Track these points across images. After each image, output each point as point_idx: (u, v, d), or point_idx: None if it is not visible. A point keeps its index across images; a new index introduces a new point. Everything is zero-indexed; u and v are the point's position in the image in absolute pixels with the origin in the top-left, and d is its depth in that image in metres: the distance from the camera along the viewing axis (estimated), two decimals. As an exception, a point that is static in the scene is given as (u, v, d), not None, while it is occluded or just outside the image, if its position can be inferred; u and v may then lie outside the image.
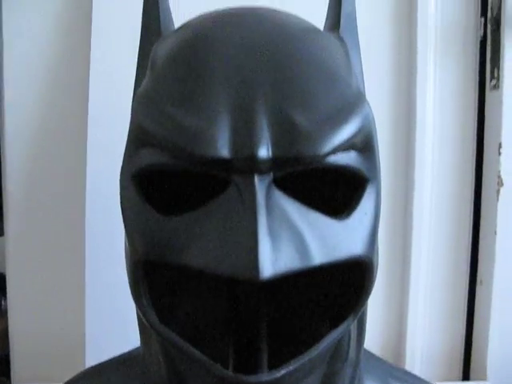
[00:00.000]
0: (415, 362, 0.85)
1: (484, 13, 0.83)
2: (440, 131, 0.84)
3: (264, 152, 0.34)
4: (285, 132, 0.34)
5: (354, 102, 0.37)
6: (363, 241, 0.37)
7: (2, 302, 0.96)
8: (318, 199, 0.39)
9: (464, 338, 0.87)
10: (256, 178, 0.33)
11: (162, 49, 0.41)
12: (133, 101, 0.40)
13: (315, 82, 0.37)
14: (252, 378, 0.34)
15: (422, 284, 0.84)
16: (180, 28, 0.44)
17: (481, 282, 0.84)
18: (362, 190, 0.38)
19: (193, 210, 0.35)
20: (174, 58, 0.39)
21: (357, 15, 0.49)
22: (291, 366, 0.35)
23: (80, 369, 0.64)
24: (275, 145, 0.34)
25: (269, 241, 0.32)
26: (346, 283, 0.40)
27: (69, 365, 0.82)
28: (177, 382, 0.40)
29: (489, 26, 0.82)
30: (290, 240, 0.34)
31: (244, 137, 0.34)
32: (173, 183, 0.42)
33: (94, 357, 0.79)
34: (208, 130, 0.34)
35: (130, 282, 0.38)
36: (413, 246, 0.83)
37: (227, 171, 0.34)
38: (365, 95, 0.40)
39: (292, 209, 0.35)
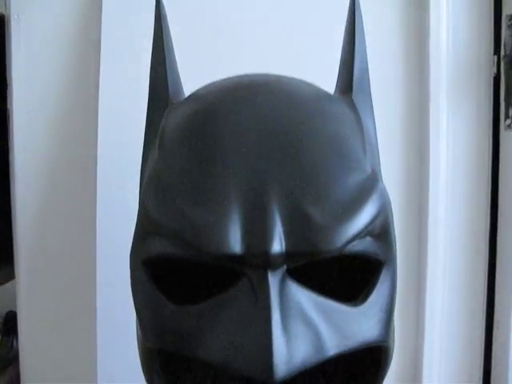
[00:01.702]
0: (432, 377, 0.83)
1: (497, 50, 0.82)
2: (453, 172, 0.82)
3: (277, 248, 0.33)
4: (298, 226, 0.34)
5: (368, 186, 0.37)
6: (379, 325, 0.36)
7: (14, 342, 0.95)
8: (333, 284, 0.38)
9: (483, 362, 0.84)
10: (269, 273, 0.33)
11: (171, 124, 0.40)
12: (141, 180, 0.40)
13: (329, 170, 0.36)
14: None
15: (436, 331, 0.83)
16: (190, 99, 0.43)
17: (497, 326, 0.83)
18: (378, 273, 0.37)
19: (205, 299, 0.35)
20: (183, 140, 0.39)
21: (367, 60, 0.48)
22: None
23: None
24: (289, 239, 0.33)
25: (283, 339, 0.31)
26: (363, 363, 0.39)
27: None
28: None
29: (502, 63, 0.81)
30: (305, 334, 0.33)
31: (256, 232, 0.33)
32: (184, 271, 0.41)
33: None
34: (219, 225, 0.34)
35: (142, 366, 0.37)
36: (427, 289, 0.82)
37: (239, 266, 0.34)
38: (380, 174, 0.39)
39: (306, 299, 0.34)
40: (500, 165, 0.82)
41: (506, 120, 0.80)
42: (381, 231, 0.37)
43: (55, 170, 0.84)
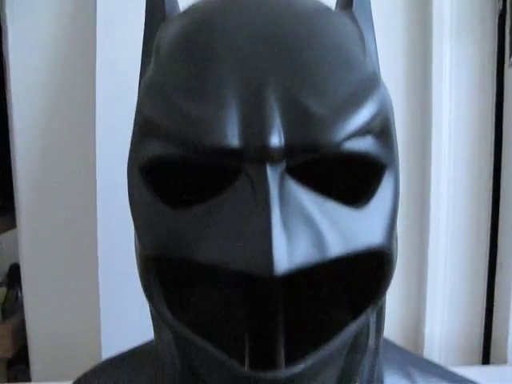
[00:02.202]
0: (434, 346, 0.84)
1: (503, -14, 0.80)
2: (456, 110, 0.81)
3: (276, 140, 0.32)
4: (297, 118, 0.33)
5: (369, 85, 0.36)
6: (382, 230, 0.35)
7: (19, 294, 0.96)
8: (334, 187, 0.37)
9: (484, 322, 0.85)
10: (268, 168, 0.32)
11: (167, 34, 0.40)
12: (139, 89, 0.39)
13: (328, 66, 0.35)
14: (269, 375, 0.33)
15: (440, 268, 0.83)
16: (185, 11, 0.42)
17: (501, 264, 0.82)
18: (380, 177, 0.36)
19: (203, 201, 0.34)
20: (179, 44, 0.38)
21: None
22: (309, 361, 0.33)
23: (97, 359, 0.64)
24: (288, 132, 0.32)
25: (283, 234, 0.31)
26: (365, 272, 0.38)
27: (85, 355, 0.83)
28: (191, 375, 0.39)
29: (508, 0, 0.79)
30: (306, 232, 0.32)
31: (255, 125, 0.32)
32: (182, 174, 0.41)
33: (110, 346, 0.79)
34: (216, 119, 0.33)
35: (140, 278, 0.37)
36: (431, 229, 0.81)
37: (238, 161, 0.33)
38: (380, 77, 0.38)
39: (307, 198, 0.33)
40: (504, 103, 0.80)
41: (510, 57, 0.79)
42: (382, 132, 0.36)
43: (55, 115, 0.83)
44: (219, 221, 0.33)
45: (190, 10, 0.42)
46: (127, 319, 0.79)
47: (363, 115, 0.34)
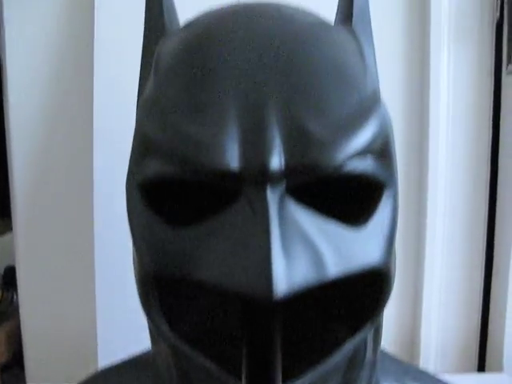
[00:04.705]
0: (430, 353, 0.85)
1: (501, -7, 0.80)
2: (454, 117, 0.81)
3: (276, 162, 0.32)
4: (297, 140, 0.32)
5: (369, 105, 0.35)
6: (380, 249, 0.35)
7: (14, 297, 0.96)
8: (333, 206, 0.37)
9: (480, 329, 0.86)
10: (268, 189, 0.32)
11: (166, 49, 0.39)
12: (137, 105, 0.39)
13: (328, 86, 0.35)
14: None
15: (436, 274, 0.83)
16: (185, 27, 0.42)
17: (497, 272, 0.83)
18: (379, 197, 0.36)
19: (202, 221, 0.34)
20: (179, 62, 0.37)
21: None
22: (307, 377, 0.33)
23: (92, 364, 0.64)
24: (287, 154, 0.32)
25: (282, 257, 0.30)
26: (363, 289, 0.38)
27: (81, 359, 0.83)
28: None
29: (505, 6, 0.79)
30: (305, 253, 0.32)
31: (254, 146, 0.32)
32: (181, 192, 0.40)
33: (106, 350, 0.79)
34: (216, 140, 0.32)
35: (139, 294, 0.37)
36: (427, 235, 0.82)
37: (237, 182, 0.32)
38: (380, 96, 0.38)
39: (306, 219, 0.33)
40: (502, 111, 0.81)
41: (508, 65, 0.79)
42: (382, 152, 0.36)
43: (53, 119, 0.83)
44: (218, 242, 0.32)
45: (190, 26, 0.41)
46: (124, 323, 0.79)
47: (363, 136, 0.34)
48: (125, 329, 0.78)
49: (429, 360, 0.83)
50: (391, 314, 0.84)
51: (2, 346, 0.88)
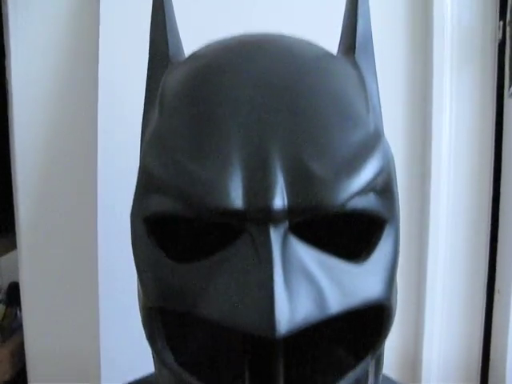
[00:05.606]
0: (432, 370, 0.84)
1: (503, 15, 0.80)
2: (456, 139, 0.82)
3: (279, 202, 0.32)
4: (300, 180, 0.33)
5: (372, 143, 0.36)
6: (382, 283, 0.36)
7: (18, 313, 0.96)
8: (334, 242, 0.38)
9: (482, 347, 0.85)
10: (271, 228, 0.32)
11: (171, 84, 0.40)
12: (141, 139, 0.39)
13: (331, 125, 0.35)
14: None
15: (438, 293, 0.83)
16: (189, 58, 0.42)
17: (498, 291, 0.83)
18: (381, 232, 0.37)
19: (206, 256, 0.34)
20: (183, 97, 0.38)
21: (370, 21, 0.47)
22: None
23: (96, 380, 0.64)
24: (290, 194, 0.33)
25: (285, 295, 0.31)
26: (365, 321, 0.39)
27: (85, 376, 0.83)
28: None
29: (508, 29, 0.80)
30: (307, 291, 0.32)
31: (258, 186, 0.33)
32: (186, 228, 0.41)
33: (109, 367, 0.79)
34: (219, 179, 0.33)
35: (143, 325, 0.37)
36: (429, 254, 0.82)
37: (241, 221, 0.33)
38: (382, 132, 0.38)
39: (308, 255, 0.33)
40: (504, 133, 0.81)
41: (510, 87, 0.79)
42: (384, 188, 0.36)
43: (55, 130, 0.83)
44: (222, 278, 0.33)
45: (194, 59, 0.42)
46: (127, 342, 0.79)
47: (366, 175, 0.34)
48: (128, 348, 0.78)
49: (431, 375, 0.83)
50: (393, 329, 0.84)
51: (5, 363, 0.88)
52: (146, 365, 0.50)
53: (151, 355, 0.45)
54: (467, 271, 0.84)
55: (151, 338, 0.37)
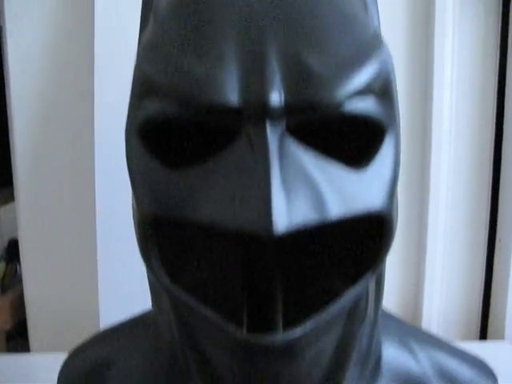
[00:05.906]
0: (432, 321, 0.85)
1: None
2: (457, 94, 0.81)
3: (276, 97, 0.31)
4: (298, 76, 0.32)
5: (371, 44, 0.35)
6: (382, 193, 0.35)
7: (18, 269, 0.96)
8: (334, 149, 0.36)
9: (482, 297, 0.86)
10: (268, 127, 0.31)
11: None
12: (138, 48, 0.38)
13: (330, 24, 0.34)
14: (266, 339, 0.32)
15: (439, 242, 0.83)
16: None
17: (499, 240, 0.82)
18: (381, 139, 0.36)
19: (202, 162, 0.33)
20: (178, 3, 0.37)
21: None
22: (307, 326, 0.33)
23: (95, 330, 0.64)
24: (288, 90, 0.32)
25: (283, 193, 0.30)
26: (364, 239, 0.38)
27: (84, 327, 0.83)
28: (189, 343, 0.39)
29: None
30: (306, 192, 0.31)
31: (254, 81, 0.32)
32: (180, 136, 0.40)
33: (108, 317, 0.80)
34: (215, 75, 0.32)
35: (138, 241, 0.36)
36: (430, 203, 0.81)
37: (236, 120, 0.32)
38: (381, 36, 0.37)
39: (307, 159, 0.32)
40: (506, 89, 0.79)
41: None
42: (383, 92, 0.35)
43: (52, 83, 0.82)
44: (217, 181, 0.32)
45: None
46: (125, 290, 0.80)
47: (364, 74, 0.33)
48: (127, 295, 0.78)
49: (431, 328, 0.83)
50: (394, 282, 0.84)
51: (6, 314, 0.89)
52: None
53: (149, 298, 0.45)
54: (468, 220, 0.84)
55: (145, 252, 0.36)
